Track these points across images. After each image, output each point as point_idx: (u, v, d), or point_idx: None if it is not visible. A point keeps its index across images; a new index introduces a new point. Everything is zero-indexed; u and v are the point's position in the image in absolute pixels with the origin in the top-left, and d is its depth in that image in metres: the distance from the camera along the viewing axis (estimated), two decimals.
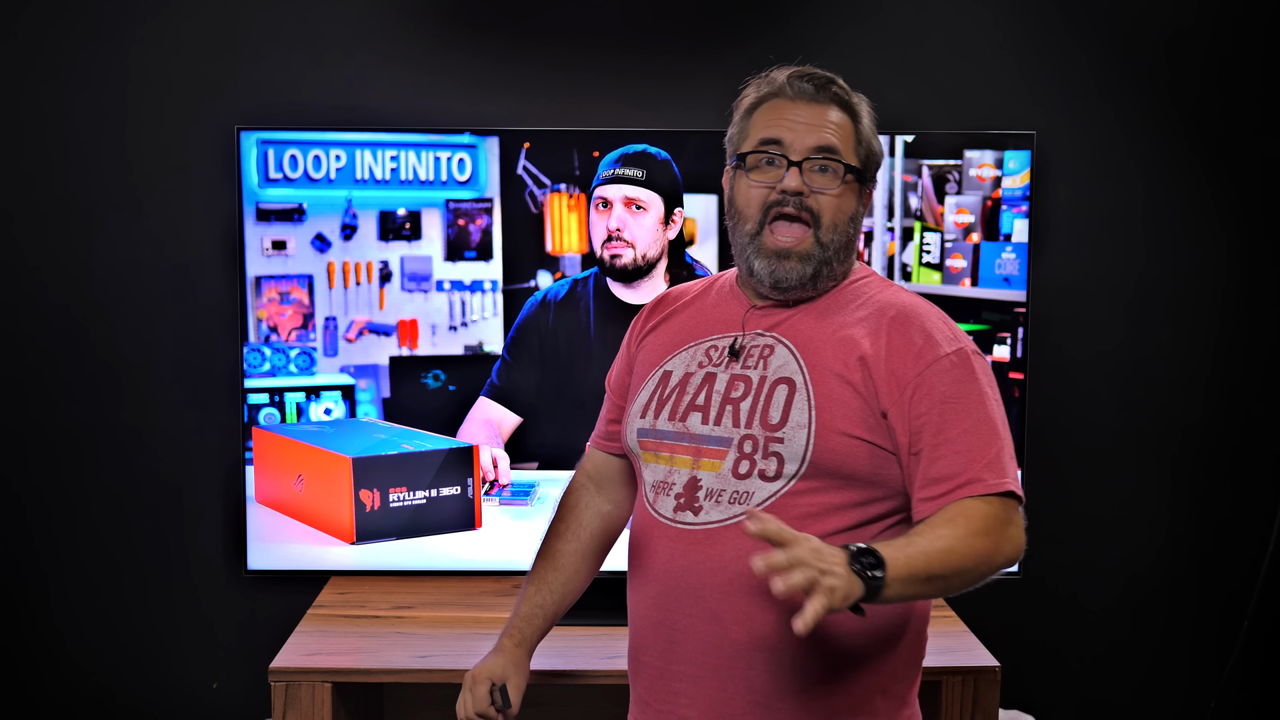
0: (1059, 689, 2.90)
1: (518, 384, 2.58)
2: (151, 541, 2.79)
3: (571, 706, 2.72)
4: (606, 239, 2.52)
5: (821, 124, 1.61)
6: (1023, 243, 2.57)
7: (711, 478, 1.62)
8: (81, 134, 2.71)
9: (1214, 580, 2.88)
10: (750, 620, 1.59)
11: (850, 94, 1.65)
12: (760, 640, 1.59)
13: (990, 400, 1.56)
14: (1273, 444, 2.86)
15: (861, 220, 1.68)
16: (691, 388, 1.67)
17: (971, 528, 1.47)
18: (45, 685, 2.83)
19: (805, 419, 1.57)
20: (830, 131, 1.61)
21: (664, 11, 2.74)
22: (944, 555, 1.43)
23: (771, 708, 1.60)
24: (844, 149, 1.62)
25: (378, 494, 2.51)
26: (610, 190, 2.52)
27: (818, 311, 1.65)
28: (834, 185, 1.61)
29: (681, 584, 1.63)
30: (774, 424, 1.59)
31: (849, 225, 1.64)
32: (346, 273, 2.56)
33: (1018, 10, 2.75)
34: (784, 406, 1.59)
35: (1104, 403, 2.83)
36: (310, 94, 2.71)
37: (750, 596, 1.58)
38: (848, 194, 1.63)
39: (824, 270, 1.63)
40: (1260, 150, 2.79)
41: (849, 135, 1.63)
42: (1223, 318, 2.83)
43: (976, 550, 1.46)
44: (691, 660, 1.63)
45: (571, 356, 2.41)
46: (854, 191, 1.64)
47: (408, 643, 2.40)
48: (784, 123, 1.62)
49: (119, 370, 2.75)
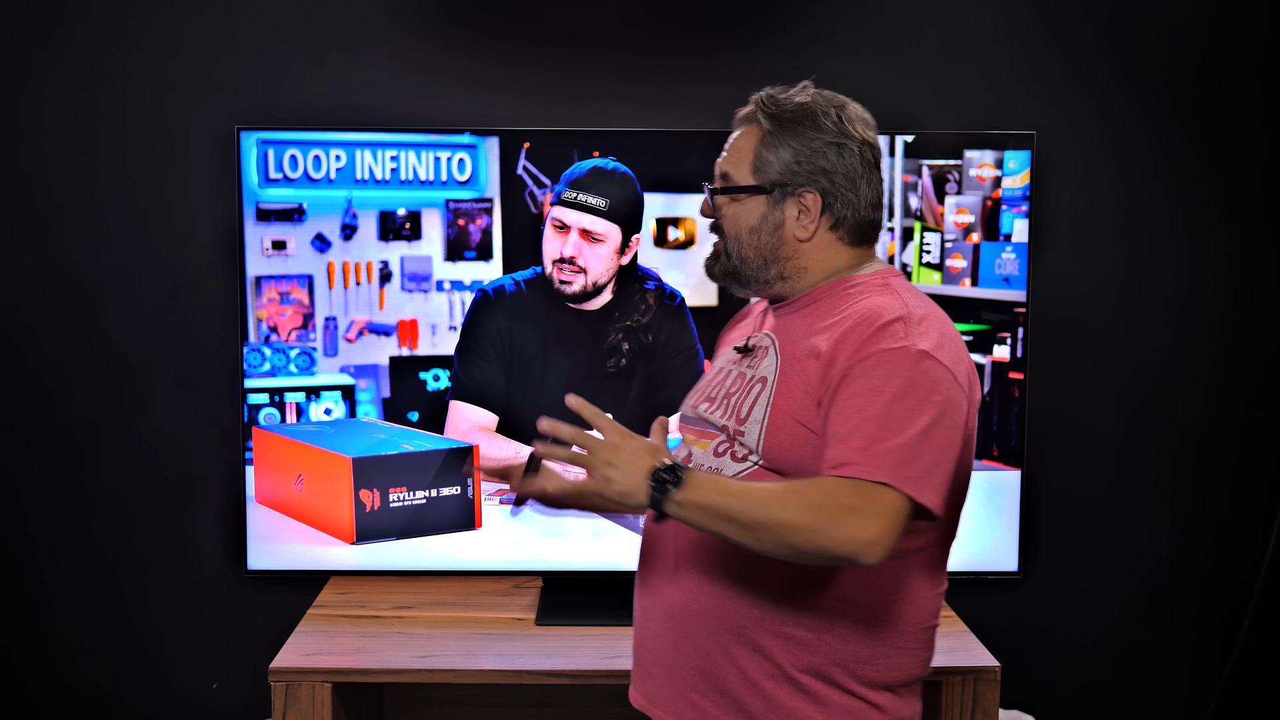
0: (1059, 689, 2.90)
1: (490, 383, 2.58)
2: (151, 541, 2.79)
3: (572, 706, 2.72)
4: (560, 260, 2.53)
5: (727, 149, 1.78)
6: (1023, 243, 2.57)
7: (700, 454, 1.77)
8: (82, 134, 2.71)
9: (1214, 580, 2.88)
10: (693, 586, 1.71)
11: (774, 111, 1.73)
12: (703, 605, 1.70)
13: (909, 398, 1.54)
14: (1273, 444, 2.86)
15: (785, 228, 1.73)
16: (715, 380, 1.82)
17: (804, 498, 1.50)
18: (45, 685, 2.83)
19: (761, 415, 1.68)
20: (726, 158, 1.78)
21: (664, 12, 2.74)
22: (754, 506, 1.50)
23: (717, 673, 1.70)
24: (736, 169, 1.75)
25: (378, 494, 2.51)
26: (569, 215, 2.51)
27: (804, 313, 1.75)
28: (721, 205, 1.77)
29: (648, 549, 1.80)
30: (742, 418, 1.71)
31: (750, 235, 1.74)
32: (346, 273, 2.56)
33: (1017, 10, 2.75)
34: (752, 403, 1.71)
35: (1104, 403, 2.83)
36: (310, 94, 2.71)
37: (693, 563, 1.71)
38: (741, 209, 1.75)
39: (740, 275, 1.77)
40: (1260, 150, 2.79)
41: (745, 155, 1.74)
42: (1223, 317, 2.83)
43: (794, 518, 1.49)
44: (654, 621, 1.77)
45: (533, 358, 2.41)
46: (753, 204, 1.74)
47: (408, 643, 2.40)
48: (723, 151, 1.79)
49: (119, 370, 2.75)
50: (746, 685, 1.69)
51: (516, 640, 2.42)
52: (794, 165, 1.71)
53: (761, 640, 1.68)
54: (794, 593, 1.66)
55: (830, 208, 1.71)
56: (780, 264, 1.74)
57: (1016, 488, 2.62)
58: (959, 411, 1.59)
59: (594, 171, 2.52)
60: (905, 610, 1.69)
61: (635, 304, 2.57)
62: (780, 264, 1.74)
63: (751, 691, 1.68)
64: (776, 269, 1.74)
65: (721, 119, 2.71)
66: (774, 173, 1.72)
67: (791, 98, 1.74)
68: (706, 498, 1.53)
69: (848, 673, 1.68)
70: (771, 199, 1.73)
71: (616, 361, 2.56)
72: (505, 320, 2.56)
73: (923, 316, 1.63)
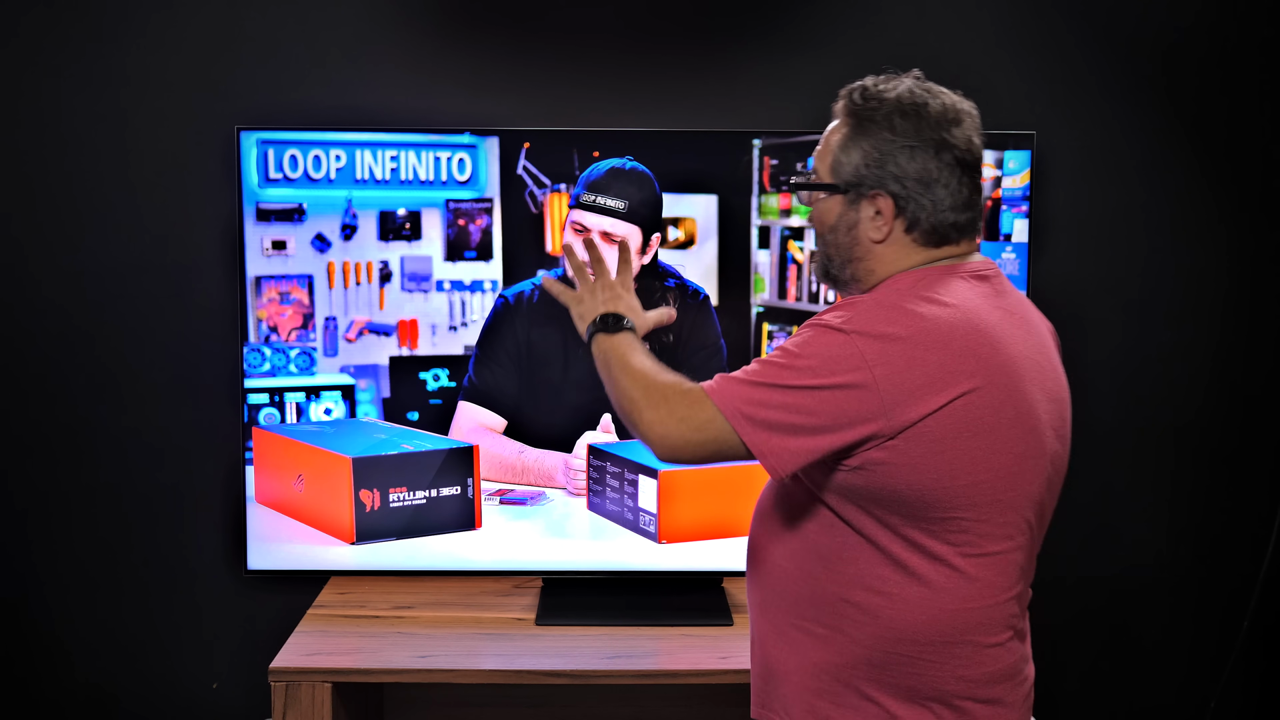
0: (1059, 689, 2.90)
1: (500, 387, 2.58)
2: (151, 541, 2.79)
3: (572, 706, 2.72)
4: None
5: (821, 141, 1.74)
6: (1023, 243, 2.57)
7: None
8: (81, 134, 2.71)
9: (1214, 580, 2.89)
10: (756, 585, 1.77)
11: (864, 107, 1.68)
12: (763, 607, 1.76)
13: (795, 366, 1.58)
14: (1273, 444, 2.86)
15: (859, 229, 1.68)
16: None
17: (651, 380, 1.68)
18: (44, 686, 2.83)
19: None
20: (818, 151, 1.75)
21: (664, 11, 2.74)
22: (620, 372, 1.71)
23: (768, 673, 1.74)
24: (820, 164, 1.73)
25: (378, 494, 2.51)
26: (589, 219, 2.51)
27: None
28: (811, 200, 1.75)
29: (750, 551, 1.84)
30: None
31: (829, 234, 1.72)
32: (346, 273, 2.56)
33: (1017, 10, 2.75)
34: None
35: (1104, 402, 2.83)
36: (310, 94, 2.71)
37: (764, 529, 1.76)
38: (822, 206, 1.72)
39: (830, 272, 1.75)
40: (1260, 150, 2.79)
41: (829, 150, 1.71)
42: (1223, 317, 2.83)
43: (631, 391, 1.68)
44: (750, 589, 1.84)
45: (550, 363, 2.41)
46: (831, 203, 1.71)
47: (408, 643, 2.40)
48: None
49: (119, 370, 2.75)
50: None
51: (516, 640, 2.42)
52: (862, 168, 1.66)
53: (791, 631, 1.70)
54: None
55: (904, 211, 1.65)
56: (854, 264, 1.70)
57: None
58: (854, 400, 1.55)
59: (611, 173, 2.51)
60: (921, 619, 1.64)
61: (656, 302, 2.57)
62: (854, 264, 1.70)
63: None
64: (851, 269, 1.71)
65: (721, 119, 2.74)
66: (848, 173, 1.68)
67: (882, 92, 1.68)
68: (609, 349, 1.74)
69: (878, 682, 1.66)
70: (847, 199, 1.69)
71: None
72: (523, 326, 2.56)
73: (893, 306, 1.59)
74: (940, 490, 1.59)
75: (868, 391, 1.55)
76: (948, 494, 1.59)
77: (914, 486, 1.58)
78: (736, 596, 2.59)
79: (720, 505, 2.53)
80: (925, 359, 1.56)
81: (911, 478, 1.58)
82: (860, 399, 1.55)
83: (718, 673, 2.28)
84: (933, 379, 1.55)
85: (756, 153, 2.54)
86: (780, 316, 2.58)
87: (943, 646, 1.63)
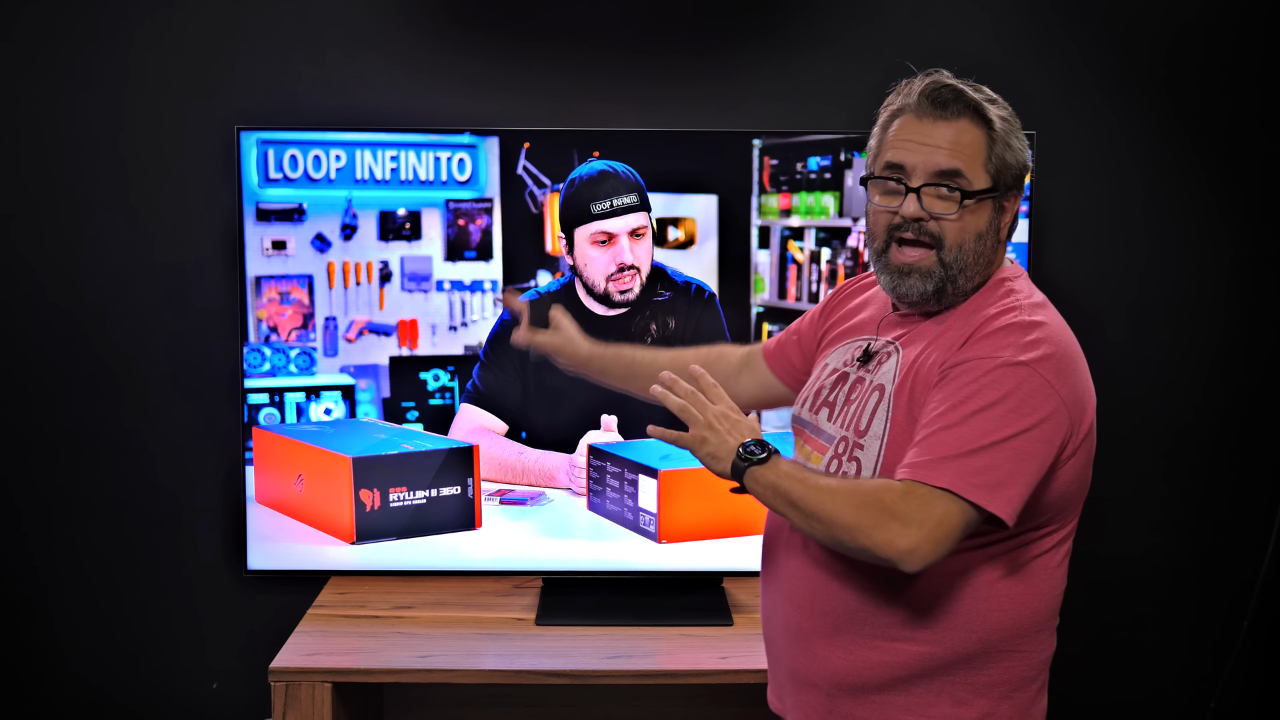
0: (1058, 689, 2.89)
1: (503, 391, 2.58)
2: (151, 542, 2.79)
3: (571, 706, 2.72)
4: (614, 273, 2.53)
5: (945, 145, 1.61)
6: (1023, 243, 2.57)
7: (813, 468, 1.70)
8: (81, 134, 2.71)
9: (1214, 580, 2.88)
10: (804, 596, 1.69)
11: (984, 103, 1.64)
12: (814, 617, 1.69)
13: (993, 410, 1.52)
14: (1273, 444, 2.86)
15: (1001, 230, 1.66)
16: (831, 384, 1.76)
17: (856, 496, 1.53)
18: (44, 686, 2.83)
19: (881, 430, 1.63)
20: (952, 154, 1.61)
21: (664, 11, 2.74)
22: (813, 495, 1.54)
23: (829, 689, 1.69)
24: (969, 168, 1.61)
25: (378, 494, 2.51)
26: (613, 224, 2.51)
27: (940, 319, 1.67)
28: (952, 210, 1.61)
29: (773, 558, 1.78)
30: (861, 430, 1.66)
31: (975, 243, 1.63)
32: (346, 273, 2.56)
33: (1017, 10, 2.75)
34: (870, 414, 1.65)
35: (1104, 402, 2.80)
36: (310, 94, 2.70)
37: (807, 573, 1.69)
38: (972, 213, 1.62)
39: (948, 287, 1.64)
40: (1261, 149, 2.79)
41: (976, 152, 1.61)
42: (1223, 317, 2.83)
43: (842, 515, 1.52)
44: (775, 630, 1.77)
45: (553, 371, 2.39)
46: (984, 208, 1.63)
47: (408, 643, 2.40)
48: (908, 144, 1.63)
49: (118, 371, 2.75)
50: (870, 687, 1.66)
51: (516, 640, 2.42)
52: (1018, 168, 1.64)
53: (864, 648, 1.66)
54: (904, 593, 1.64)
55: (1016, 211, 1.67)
56: (984, 269, 1.65)
57: None
58: (1054, 428, 1.55)
59: (604, 175, 2.52)
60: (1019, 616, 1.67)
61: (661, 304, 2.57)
62: (984, 269, 1.65)
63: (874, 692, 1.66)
64: (980, 276, 1.66)
65: (721, 119, 2.74)
66: (1009, 175, 1.63)
67: (989, 92, 1.67)
68: (778, 479, 1.56)
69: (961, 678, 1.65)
70: (995, 203, 1.63)
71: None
72: None
73: (1035, 323, 1.58)
74: (1076, 492, 1.65)
75: (1060, 415, 1.56)
76: (1080, 494, 1.67)
77: (1057, 492, 1.62)
78: (736, 596, 2.59)
79: (720, 505, 2.53)
80: (1079, 368, 1.61)
81: (1061, 486, 1.62)
82: (1058, 425, 1.56)
83: (718, 673, 2.28)
84: (1088, 385, 1.63)
85: (756, 153, 2.54)
86: (780, 316, 2.58)
87: (1034, 635, 1.70)
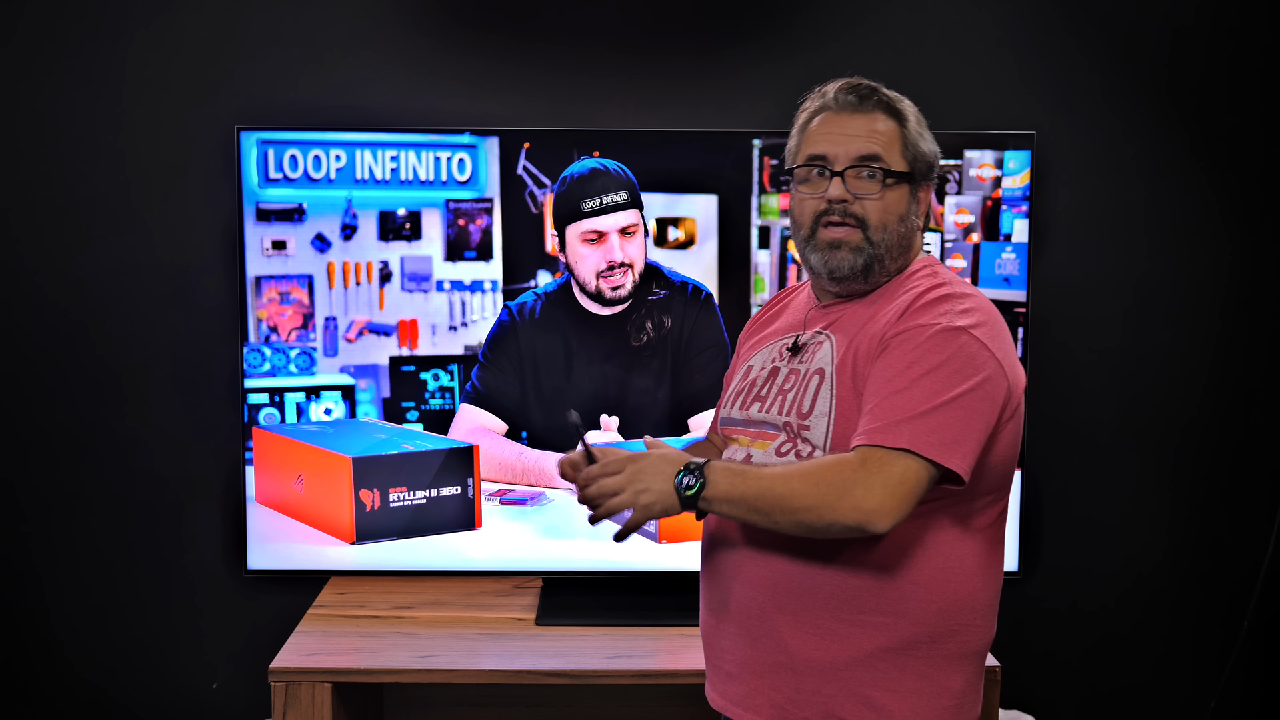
0: (1059, 689, 2.90)
1: (502, 390, 2.58)
2: (151, 542, 2.79)
3: (571, 706, 2.72)
4: (605, 270, 2.53)
5: (864, 133, 1.73)
6: (1023, 243, 2.57)
7: (760, 454, 1.76)
8: (81, 134, 2.71)
9: (1214, 580, 2.88)
10: (766, 579, 1.71)
11: (896, 100, 1.77)
12: (778, 598, 1.71)
13: (938, 371, 1.59)
14: (1273, 444, 2.86)
15: (919, 217, 1.78)
16: (760, 381, 1.81)
17: (811, 476, 1.57)
18: (44, 686, 2.83)
19: (827, 408, 1.69)
20: (872, 139, 1.73)
21: (664, 11, 2.74)
22: (769, 489, 1.57)
23: (796, 667, 1.70)
24: (887, 153, 1.73)
25: (378, 494, 2.51)
26: (602, 222, 2.52)
27: (868, 303, 1.76)
28: (875, 190, 1.73)
29: (720, 547, 1.79)
30: (804, 412, 1.71)
31: (898, 224, 1.74)
32: (346, 273, 2.56)
33: (1017, 10, 2.75)
34: (813, 396, 1.71)
35: (1104, 403, 2.83)
36: (310, 94, 2.71)
37: (767, 557, 1.72)
38: (894, 196, 1.74)
39: (875, 265, 1.74)
40: (1261, 150, 2.79)
41: (893, 140, 1.74)
42: (1222, 317, 2.83)
43: (803, 498, 1.56)
44: (733, 619, 1.76)
45: (552, 371, 2.41)
46: (903, 192, 1.75)
47: (408, 643, 2.40)
48: (830, 136, 1.74)
49: (119, 370, 2.75)
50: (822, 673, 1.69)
51: (516, 640, 2.42)
52: (930, 159, 1.77)
53: (833, 625, 1.69)
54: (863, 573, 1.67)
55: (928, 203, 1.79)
56: (904, 254, 1.77)
57: (1016, 488, 2.62)
58: (996, 388, 1.63)
59: (594, 173, 2.52)
60: (973, 587, 1.71)
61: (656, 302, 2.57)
62: (904, 254, 1.77)
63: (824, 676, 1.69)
64: (901, 260, 1.77)
65: (721, 119, 2.74)
66: (923, 162, 1.76)
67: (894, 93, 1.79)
68: (730, 489, 1.59)
69: (920, 651, 1.68)
70: (912, 189, 1.76)
71: (646, 362, 2.57)
72: (527, 335, 2.56)
73: (966, 295, 1.68)
74: (1009, 463, 1.72)
75: (999, 376, 1.64)
76: (1011, 468, 1.73)
77: (999, 457, 1.69)
78: None
79: None
80: (1009, 339, 1.69)
81: (1001, 451, 1.69)
82: (998, 385, 1.64)
83: None
84: (1017, 359, 1.70)
85: (756, 153, 2.54)
86: None
87: (988, 610, 1.74)
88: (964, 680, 1.72)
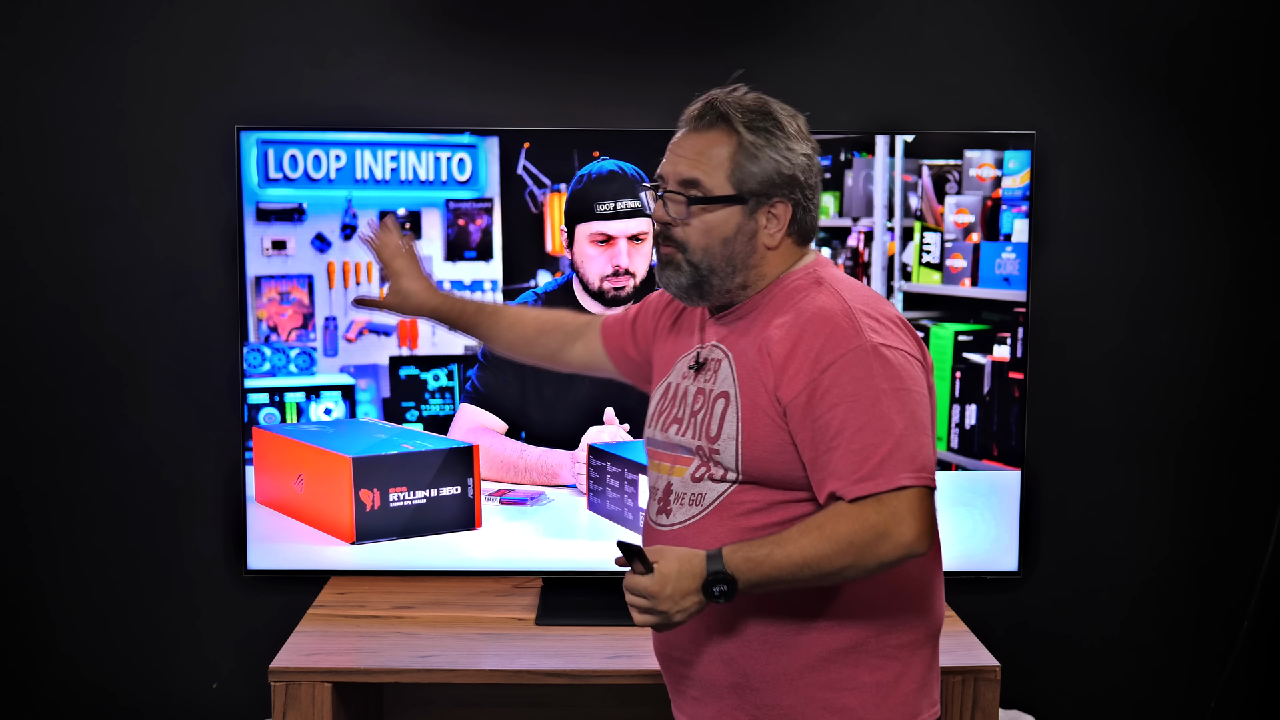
0: (1059, 689, 2.90)
1: (502, 390, 2.58)
2: (151, 541, 2.79)
3: (571, 706, 2.72)
4: (610, 273, 2.53)
5: (690, 155, 1.71)
6: (1023, 243, 2.57)
7: (679, 482, 1.77)
8: (81, 134, 2.71)
9: (1214, 580, 2.88)
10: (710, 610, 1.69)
11: (742, 117, 1.71)
12: (722, 620, 1.72)
13: (885, 396, 1.59)
14: (1273, 444, 2.86)
15: (759, 234, 1.72)
16: (675, 400, 1.81)
17: (839, 538, 1.57)
18: (44, 686, 2.83)
19: (734, 431, 1.69)
20: (696, 162, 1.70)
21: (665, 12, 2.74)
22: (804, 566, 1.58)
23: (753, 685, 1.72)
24: (708, 176, 1.70)
25: (378, 494, 2.51)
26: (614, 226, 2.52)
27: (749, 321, 1.74)
28: (682, 214, 1.71)
29: None
30: (713, 436, 1.71)
31: (722, 246, 1.71)
32: (346, 273, 2.56)
33: (1018, 10, 2.75)
34: (720, 420, 1.71)
35: (1104, 403, 2.83)
36: (310, 94, 2.70)
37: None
38: (715, 218, 1.70)
39: (705, 285, 1.73)
40: (1261, 150, 2.79)
41: (721, 163, 1.70)
42: (1223, 317, 2.83)
43: (843, 561, 1.57)
44: (680, 646, 1.79)
45: (551, 371, 2.40)
46: (730, 214, 1.70)
47: (408, 643, 2.40)
48: (669, 155, 1.75)
49: (119, 370, 2.75)
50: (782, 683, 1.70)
51: (516, 640, 2.42)
52: (774, 177, 1.71)
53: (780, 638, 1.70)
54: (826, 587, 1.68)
55: (795, 217, 1.73)
56: (746, 272, 1.74)
57: (1016, 488, 2.62)
58: (922, 385, 1.65)
59: (613, 175, 2.52)
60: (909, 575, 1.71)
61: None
62: (746, 272, 1.74)
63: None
64: (742, 277, 1.74)
65: None
66: (754, 183, 1.70)
67: (752, 104, 1.74)
68: (760, 578, 1.59)
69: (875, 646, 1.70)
70: (746, 208, 1.71)
71: None
72: None
73: (861, 306, 1.67)
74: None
75: (921, 371, 1.67)
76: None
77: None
78: None
79: None
80: (894, 315, 1.70)
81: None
82: (921, 376, 1.66)
83: None
84: (914, 335, 1.70)
85: None
86: None
87: (930, 591, 1.76)
88: (922, 663, 1.73)
